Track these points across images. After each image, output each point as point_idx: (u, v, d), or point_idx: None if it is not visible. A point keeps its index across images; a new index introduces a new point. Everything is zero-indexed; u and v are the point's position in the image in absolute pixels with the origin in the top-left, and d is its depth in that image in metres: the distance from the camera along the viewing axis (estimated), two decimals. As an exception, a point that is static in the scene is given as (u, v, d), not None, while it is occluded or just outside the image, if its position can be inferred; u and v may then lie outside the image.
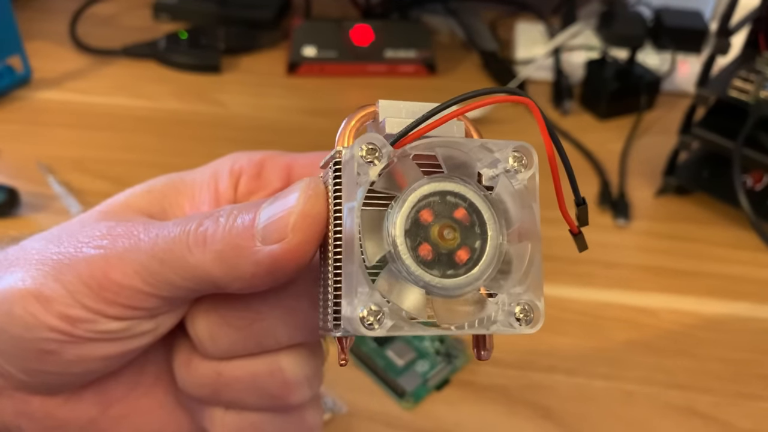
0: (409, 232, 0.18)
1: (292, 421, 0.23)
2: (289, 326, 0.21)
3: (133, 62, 0.69)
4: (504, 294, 0.18)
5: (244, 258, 0.19)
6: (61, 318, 0.20)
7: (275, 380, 0.22)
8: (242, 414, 0.22)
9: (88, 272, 0.20)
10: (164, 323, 0.22)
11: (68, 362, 0.21)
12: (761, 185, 0.55)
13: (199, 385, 0.22)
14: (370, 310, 0.17)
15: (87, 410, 0.23)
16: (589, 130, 0.64)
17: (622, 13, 0.71)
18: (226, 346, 0.22)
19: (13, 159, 0.57)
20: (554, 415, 0.40)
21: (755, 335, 0.46)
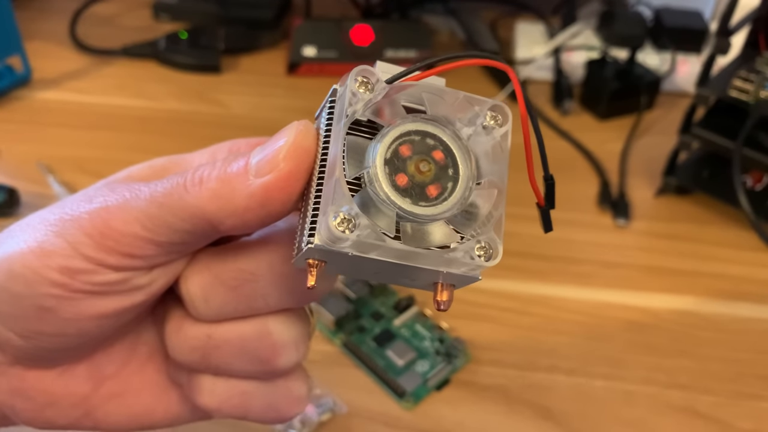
0: (389, 161, 0.19)
1: (279, 390, 0.24)
2: (280, 289, 0.22)
3: (133, 62, 0.69)
4: (467, 236, 0.20)
5: (238, 191, 0.20)
6: (61, 271, 0.21)
7: (263, 343, 0.22)
8: (231, 382, 0.23)
9: (90, 223, 0.21)
10: (159, 279, 0.22)
11: (65, 321, 0.21)
12: (761, 185, 0.55)
13: (189, 349, 0.23)
14: (344, 218, 0.18)
15: (80, 386, 0.24)
16: (589, 130, 0.64)
17: (622, 13, 0.71)
18: (218, 306, 0.22)
19: (13, 159, 0.57)
20: (554, 414, 0.40)
21: (755, 335, 0.46)
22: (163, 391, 0.25)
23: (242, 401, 0.23)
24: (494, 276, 0.49)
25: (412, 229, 0.19)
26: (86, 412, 0.24)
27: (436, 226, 0.19)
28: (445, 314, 0.45)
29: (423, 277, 0.20)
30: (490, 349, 0.44)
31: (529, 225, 0.53)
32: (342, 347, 0.43)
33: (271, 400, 0.24)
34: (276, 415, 0.24)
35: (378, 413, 0.40)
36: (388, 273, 0.20)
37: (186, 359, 0.23)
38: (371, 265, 0.19)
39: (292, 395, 0.24)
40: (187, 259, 0.23)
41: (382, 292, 0.46)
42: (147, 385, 0.25)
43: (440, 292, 0.20)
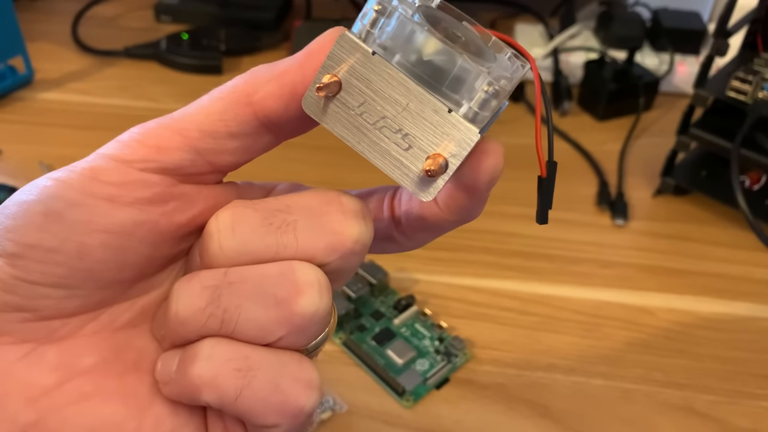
0: (426, 18, 0.19)
1: (287, 366, 0.20)
2: (312, 224, 0.20)
3: (134, 63, 0.69)
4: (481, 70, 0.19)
5: (274, 65, 0.20)
6: (82, 171, 0.19)
7: (285, 279, 0.19)
8: (235, 344, 0.20)
9: (126, 134, 0.20)
10: (179, 210, 0.21)
11: (69, 228, 0.19)
12: (759, 185, 0.55)
13: (200, 289, 0.20)
14: (384, 2, 0.18)
15: (45, 376, 0.20)
16: (588, 131, 0.64)
17: (621, 15, 0.71)
18: (245, 235, 0.20)
19: (15, 159, 0.57)
20: (553, 413, 0.41)
21: (753, 334, 0.46)
22: (140, 404, 0.21)
23: (243, 368, 0.19)
24: (493, 276, 0.49)
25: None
26: (40, 417, 0.19)
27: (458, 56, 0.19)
28: (445, 314, 0.46)
29: (422, 134, 0.19)
30: (489, 348, 0.44)
31: (528, 225, 0.54)
32: (342, 346, 0.43)
33: (276, 374, 0.19)
34: (280, 400, 0.19)
35: (378, 412, 0.40)
36: (391, 121, 0.19)
37: (191, 304, 0.20)
38: (381, 91, 0.19)
39: (302, 376, 0.20)
40: (205, 195, 0.21)
41: (382, 291, 0.47)
42: (123, 393, 0.21)
43: (432, 159, 0.19)
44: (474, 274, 0.49)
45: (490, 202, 0.23)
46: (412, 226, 0.23)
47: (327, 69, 0.19)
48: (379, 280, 0.46)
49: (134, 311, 0.22)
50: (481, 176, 0.20)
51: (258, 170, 0.24)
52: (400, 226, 0.23)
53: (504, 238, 0.52)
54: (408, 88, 0.19)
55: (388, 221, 0.23)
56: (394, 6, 0.18)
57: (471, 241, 0.52)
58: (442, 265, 0.50)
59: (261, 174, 0.22)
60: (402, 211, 0.23)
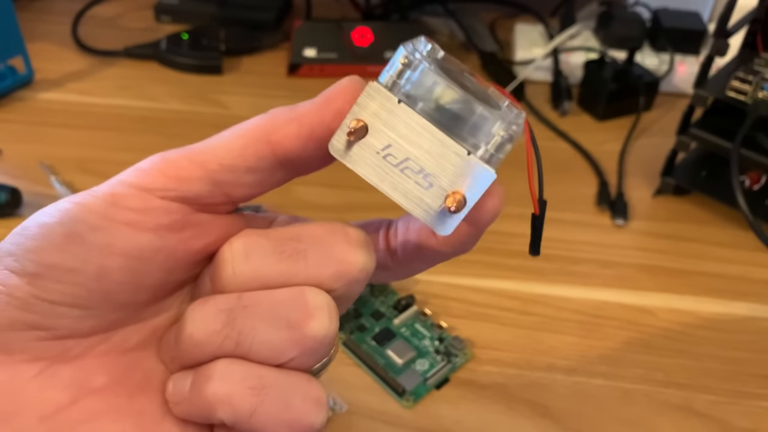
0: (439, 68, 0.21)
1: (298, 385, 0.21)
2: (322, 252, 0.21)
3: (134, 63, 0.69)
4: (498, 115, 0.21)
5: (296, 108, 0.21)
6: (104, 196, 0.21)
7: (296, 304, 0.21)
8: (248, 365, 0.21)
9: (147, 161, 0.21)
10: (195, 236, 0.22)
11: (89, 251, 0.20)
12: (759, 185, 0.56)
13: (215, 312, 0.21)
14: (410, 57, 0.20)
15: (58, 394, 0.20)
16: (588, 131, 0.64)
17: (621, 15, 0.71)
18: (257, 263, 0.21)
19: (15, 159, 0.57)
20: (553, 413, 0.41)
21: (753, 335, 0.46)
22: (150, 423, 0.22)
23: (257, 387, 0.20)
24: (493, 276, 0.49)
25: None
26: None
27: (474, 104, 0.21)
28: (445, 314, 0.46)
29: (441, 174, 0.20)
30: (489, 348, 0.44)
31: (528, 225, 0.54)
32: (342, 346, 0.43)
33: (288, 394, 0.21)
34: (291, 417, 0.21)
35: (378, 411, 0.40)
36: (412, 162, 0.20)
37: (207, 328, 0.21)
38: (404, 136, 0.20)
39: (311, 394, 0.21)
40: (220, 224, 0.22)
41: (382, 291, 0.47)
42: (133, 412, 0.21)
43: (452, 197, 0.21)
44: (474, 274, 0.49)
45: None
46: (408, 257, 0.24)
47: (354, 114, 0.20)
48: (379, 280, 0.46)
49: (144, 333, 0.23)
50: (484, 216, 0.22)
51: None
52: (395, 256, 0.24)
53: (504, 238, 0.52)
54: (431, 133, 0.20)
55: (383, 252, 0.24)
56: (418, 59, 0.20)
57: (471, 241, 0.52)
58: (442, 265, 0.49)
59: None
60: (398, 242, 0.24)
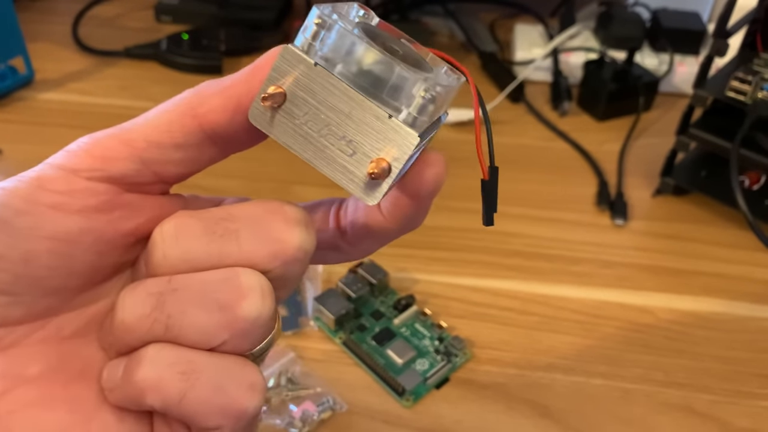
0: (365, 32, 0.21)
1: (231, 368, 0.20)
2: (258, 236, 0.20)
3: (135, 63, 0.69)
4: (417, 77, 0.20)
5: (221, 81, 0.21)
6: (29, 180, 0.20)
7: (228, 285, 0.20)
8: (179, 349, 0.20)
9: (74, 143, 0.21)
10: (125, 218, 0.21)
11: (16, 234, 0.19)
12: (758, 185, 0.56)
13: (144, 296, 0.20)
14: (327, 15, 0.19)
15: None
16: (588, 131, 0.64)
17: (620, 15, 0.72)
18: (188, 244, 0.20)
19: (15, 159, 0.57)
20: (553, 413, 0.41)
21: (753, 334, 0.46)
22: (86, 411, 0.21)
23: (187, 371, 0.20)
24: (493, 275, 0.49)
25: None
26: None
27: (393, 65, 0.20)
28: (445, 314, 0.46)
29: (364, 140, 0.20)
30: (489, 348, 0.44)
31: (528, 225, 0.54)
32: (342, 346, 0.43)
33: (220, 377, 0.20)
34: (223, 401, 0.20)
35: (378, 411, 0.40)
36: (334, 129, 0.20)
37: (137, 311, 0.20)
38: (325, 100, 0.20)
39: (245, 378, 0.20)
40: (150, 205, 0.22)
41: (382, 291, 0.47)
42: (69, 400, 0.21)
43: (374, 163, 0.20)
44: (474, 274, 0.49)
45: None
46: (357, 235, 0.24)
47: (272, 81, 0.20)
48: (379, 280, 0.46)
49: (81, 321, 0.22)
50: (424, 186, 0.21)
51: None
52: (345, 236, 0.24)
53: (504, 238, 0.52)
54: (350, 96, 0.19)
55: (333, 231, 0.24)
56: (334, 20, 0.20)
57: (471, 241, 0.52)
58: (442, 265, 0.50)
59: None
60: (348, 221, 0.24)
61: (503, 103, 0.64)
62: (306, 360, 0.43)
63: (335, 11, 0.20)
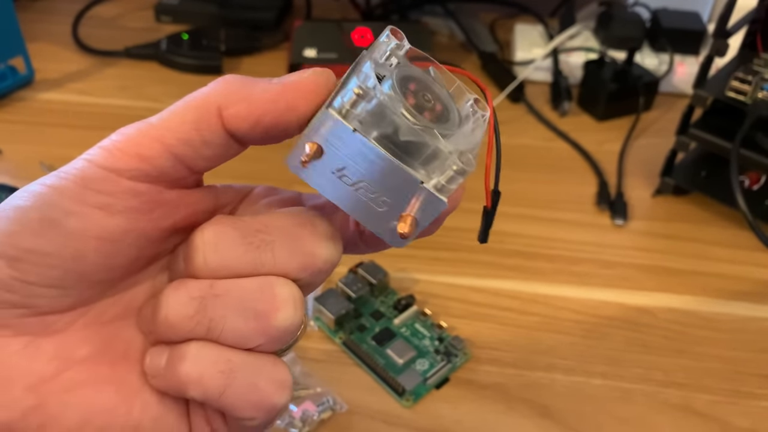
0: (401, 85, 0.21)
1: (264, 368, 0.22)
2: (288, 244, 0.22)
3: (135, 63, 0.69)
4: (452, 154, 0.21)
5: (252, 85, 0.21)
6: (75, 179, 0.21)
7: (264, 295, 0.22)
8: (219, 348, 0.22)
9: (107, 140, 0.22)
10: (166, 216, 0.22)
11: (66, 236, 0.21)
12: (758, 185, 0.56)
13: (187, 299, 0.22)
14: (365, 88, 0.20)
15: (43, 365, 0.22)
16: (588, 131, 0.64)
17: (620, 15, 0.72)
18: (226, 252, 0.22)
19: (15, 159, 0.57)
20: (553, 413, 0.41)
21: (753, 334, 0.46)
22: (130, 392, 0.23)
23: (226, 370, 0.22)
24: (493, 275, 0.49)
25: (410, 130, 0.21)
26: (40, 402, 0.22)
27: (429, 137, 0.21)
28: (445, 314, 0.46)
29: (395, 198, 0.21)
30: (489, 348, 0.44)
31: (528, 225, 0.54)
32: (342, 346, 0.43)
33: (255, 376, 0.22)
34: (257, 398, 0.22)
35: (378, 411, 0.40)
36: (367, 184, 0.21)
37: (180, 313, 0.22)
38: (360, 161, 0.21)
39: (276, 377, 0.23)
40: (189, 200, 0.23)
41: (382, 291, 0.47)
42: (114, 381, 0.23)
43: (405, 221, 0.21)
44: (474, 274, 0.49)
45: None
46: (375, 238, 0.25)
47: (309, 137, 0.21)
48: (379, 280, 0.46)
49: (121, 306, 0.24)
50: (442, 216, 0.23)
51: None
52: (363, 236, 0.25)
53: (504, 238, 0.52)
54: (384, 160, 0.20)
55: (353, 233, 0.25)
56: (373, 91, 0.20)
57: (471, 241, 0.51)
58: (442, 265, 0.50)
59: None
60: None
61: (503, 103, 0.64)
62: (306, 360, 0.43)
63: (372, 58, 0.21)
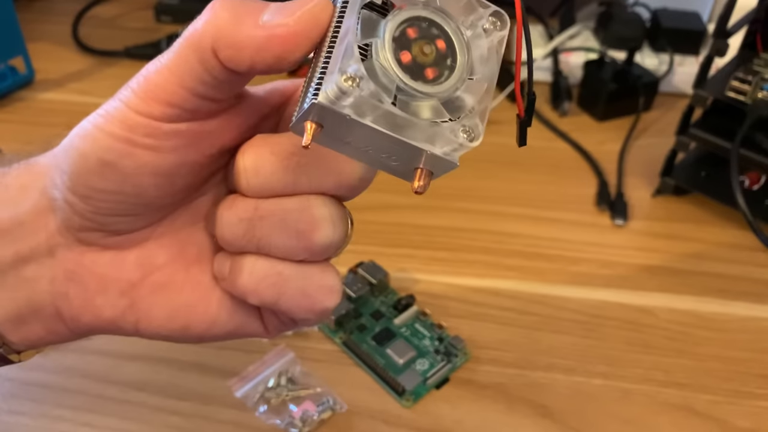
0: (396, 39, 0.21)
1: (312, 277, 0.25)
2: (320, 167, 0.24)
3: (135, 63, 0.69)
4: (453, 121, 0.21)
5: (243, 28, 0.21)
6: (120, 126, 0.23)
7: (304, 215, 0.24)
8: (269, 261, 0.25)
9: (135, 81, 0.23)
10: (206, 139, 0.24)
11: (124, 176, 0.23)
12: (758, 185, 0.56)
13: (237, 220, 0.24)
14: (350, 76, 0.19)
15: (130, 273, 0.26)
16: (588, 131, 0.64)
17: (620, 15, 0.71)
18: (266, 176, 0.24)
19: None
20: (553, 413, 0.41)
21: (753, 334, 0.46)
22: (206, 290, 0.26)
23: (278, 281, 0.24)
24: (493, 275, 0.49)
25: (406, 102, 0.21)
26: (132, 302, 0.26)
27: (427, 105, 0.21)
28: (445, 314, 0.46)
29: (406, 158, 0.21)
30: (489, 348, 0.44)
31: (528, 225, 0.54)
32: (342, 346, 0.43)
33: (304, 284, 0.25)
34: (308, 303, 0.25)
35: (378, 411, 0.40)
36: (375, 149, 0.21)
37: (232, 232, 0.24)
38: (363, 135, 0.20)
39: (324, 283, 0.25)
40: (230, 124, 0.24)
41: (382, 291, 0.47)
42: (191, 282, 0.26)
43: (419, 177, 0.21)
44: (474, 274, 0.49)
45: (491, 202, 0.24)
46: None
47: (306, 117, 0.20)
48: (379, 280, 0.46)
49: (189, 214, 0.26)
50: None
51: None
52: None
53: (504, 238, 0.52)
54: (386, 136, 0.20)
55: None
56: (356, 85, 0.19)
57: (471, 241, 0.52)
58: (442, 265, 0.50)
59: None
60: None
61: (503, 103, 0.64)
62: (306, 360, 0.42)
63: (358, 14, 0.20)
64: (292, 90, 0.26)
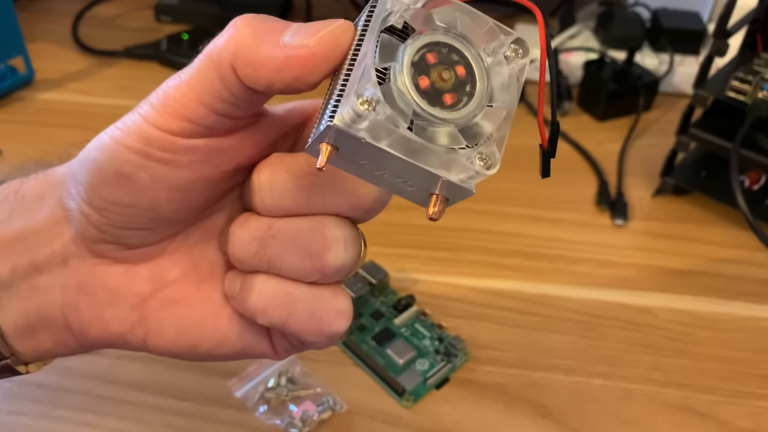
0: (415, 63, 0.20)
1: (323, 299, 0.24)
2: (335, 187, 0.23)
3: (135, 63, 0.69)
4: (470, 149, 0.21)
5: (262, 48, 0.21)
6: (138, 139, 0.23)
7: (316, 236, 0.23)
8: (280, 281, 0.24)
9: (154, 95, 0.23)
10: (222, 156, 0.24)
11: (139, 189, 0.23)
12: (758, 185, 0.56)
13: (249, 239, 0.24)
14: (366, 99, 0.19)
15: (141, 287, 0.26)
16: (588, 131, 0.64)
17: (621, 15, 0.71)
18: (280, 195, 0.24)
19: (15, 159, 0.57)
20: (553, 413, 0.41)
21: (753, 334, 0.46)
22: (216, 308, 0.26)
23: (287, 302, 0.24)
24: (493, 275, 0.49)
25: (423, 128, 0.20)
26: (141, 317, 0.26)
27: (444, 131, 0.20)
28: (445, 314, 0.46)
29: (421, 183, 0.21)
30: (489, 348, 0.44)
31: (528, 225, 0.54)
32: (342, 346, 0.43)
33: (314, 306, 0.24)
34: (318, 325, 0.24)
35: (378, 411, 0.40)
36: (391, 173, 0.21)
37: (244, 250, 0.24)
38: (378, 159, 0.20)
39: (335, 306, 0.25)
40: (248, 141, 0.24)
41: (382, 291, 0.47)
42: (202, 299, 0.26)
43: (434, 203, 0.21)
44: (474, 274, 0.49)
45: (491, 202, 0.24)
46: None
47: (321, 139, 0.20)
48: (379, 280, 0.46)
49: (203, 230, 0.26)
50: None
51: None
52: None
53: (504, 238, 0.52)
54: (402, 161, 0.20)
55: None
56: (372, 109, 0.19)
57: (471, 241, 0.52)
58: (442, 265, 0.50)
59: None
60: None
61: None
62: (306, 360, 0.42)
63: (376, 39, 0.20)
64: (311, 110, 0.26)
